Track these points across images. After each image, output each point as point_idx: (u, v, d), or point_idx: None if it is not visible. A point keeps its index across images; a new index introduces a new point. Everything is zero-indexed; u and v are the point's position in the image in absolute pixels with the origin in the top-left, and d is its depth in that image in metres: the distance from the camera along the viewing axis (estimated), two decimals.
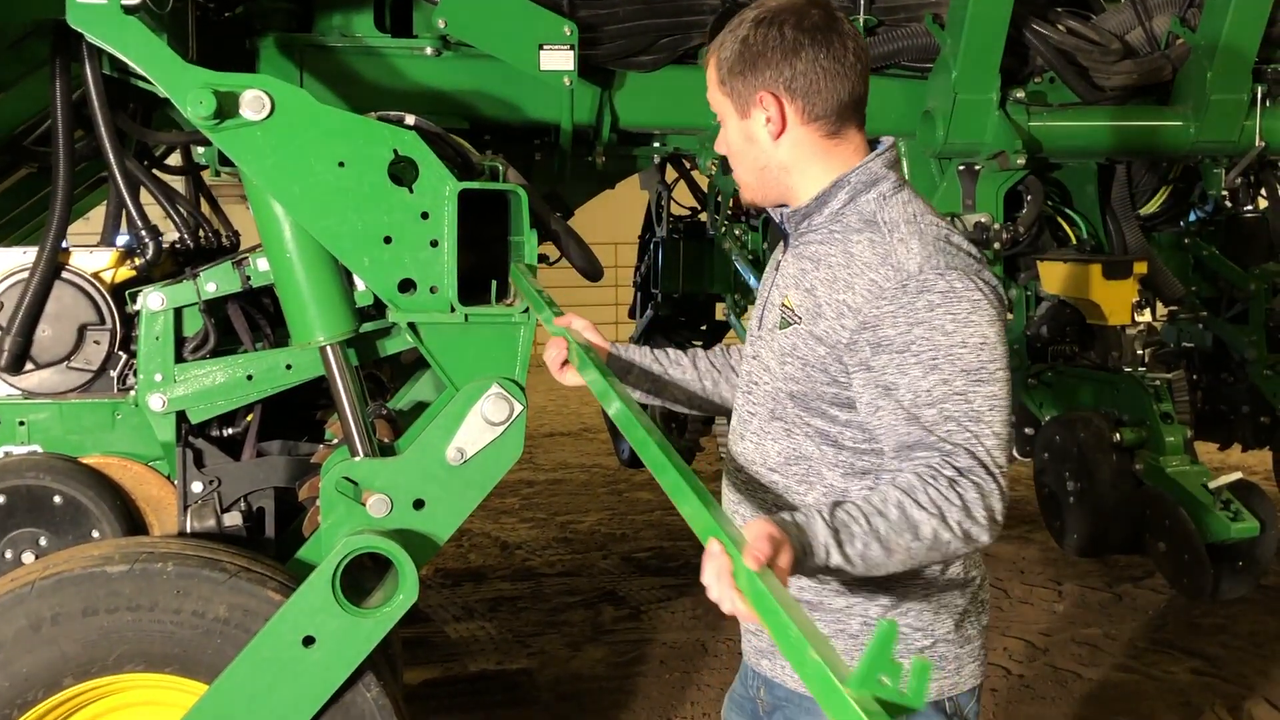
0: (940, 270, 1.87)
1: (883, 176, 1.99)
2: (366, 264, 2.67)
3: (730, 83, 2.02)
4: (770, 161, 2.02)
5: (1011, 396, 1.89)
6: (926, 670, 1.27)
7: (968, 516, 1.76)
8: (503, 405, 2.77)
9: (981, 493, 1.78)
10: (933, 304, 1.85)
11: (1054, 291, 4.45)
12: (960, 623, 2.02)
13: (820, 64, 1.94)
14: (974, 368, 1.83)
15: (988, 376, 1.84)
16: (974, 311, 1.85)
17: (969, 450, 1.80)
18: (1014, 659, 5.17)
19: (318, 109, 2.62)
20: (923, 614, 1.99)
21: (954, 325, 1.84)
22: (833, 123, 1.98)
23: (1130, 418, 4.28)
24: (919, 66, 4.19)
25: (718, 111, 2.08)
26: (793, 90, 1.95)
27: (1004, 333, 1.90)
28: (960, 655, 2.02)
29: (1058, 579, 6.27)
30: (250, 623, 2.60)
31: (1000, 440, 1.84)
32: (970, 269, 1.90)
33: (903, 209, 1.95)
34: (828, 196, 1.99)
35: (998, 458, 1.82)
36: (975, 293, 1.87)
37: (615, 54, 3.90)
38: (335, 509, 2.72)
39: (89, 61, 2.95)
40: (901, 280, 1.87)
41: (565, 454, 10.03)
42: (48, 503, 2.89)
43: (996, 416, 1.84)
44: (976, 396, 1.83)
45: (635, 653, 5.27)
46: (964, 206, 4.26)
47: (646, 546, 7.02)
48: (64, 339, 3.00)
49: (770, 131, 1.99)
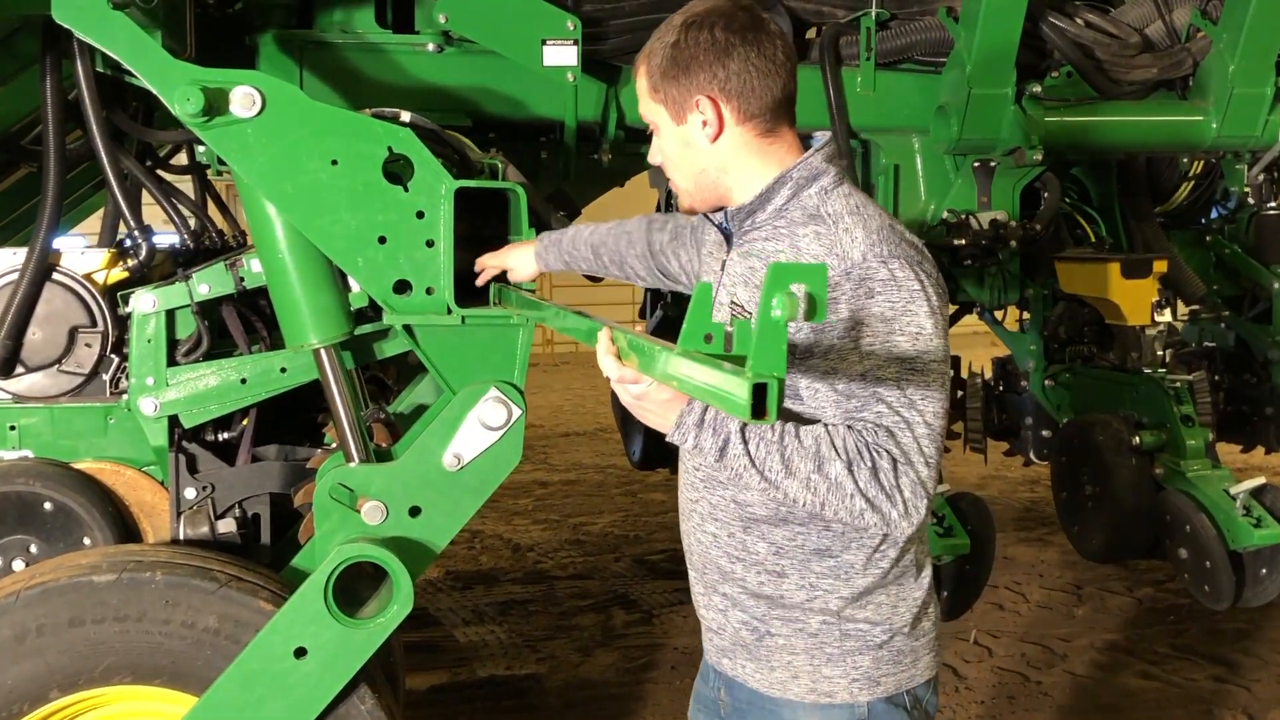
0: (883, 258, 1.90)
1: (823, 171, 2.02)
2: (361, 265, 2.60)
3: (664, 89, 2.04)
4: (708, 164, 2.05)
5: (946, 390, 1.92)
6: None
7: (874, 481, 1.83)
8: (500, 410, 2.70)
9: (896, 470, 1.84)
10: (873, 291, 1.88)
11: (1072, 291, 4.36)
12: (918, 618, 2.07)
13: (752, 63, 1.99)
14: (909, 356, 1.87)
15: (921, 366, 1.88)
16: (912, 301, 1.88)
17: (893, 434, 1.86)
18: (1032, 665, 5.08)
19: (310, 106, 2.56)
20: (881, 608, 2.03)
21: (892, 313, 1.88)
22: (767, 121, 2.03)
23: (1150, 420, 4.17)
24: (932, 61, 4.09)
25: (650, 121, 2.11)
26: (727, 91, 2.00)
27: (943, 325, 1.92)
28: (916, 649, 2.07)
29: (1077, 583, 6.18)
30: (241, 633, 2.54)
31: (930, 431, 1.88)
32: (912, 259, 1.92)
33: (845, 201, 1.99)
34: (770, 193, 2.02)
35: (925, 447, 1.87)
36: (915, 283, 1.89)
37: (620, 49, 3.82)
38: (329, 516, 2.66)
39: (80, 58, 2.89)
40: (846, 269, 1.90)
41: (580, 454, 9.97)
42: (38, 509, 2.83)
43: (928, 407, 1.88)
44: (909, 385, 1.87)
45: (646, 658, 5.21)
46: (979, 204, 4.17)
47: (659, 549, 6.96)
48: (55, 341, 2.94)
49: (708, 134, 2.02)
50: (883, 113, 4.05)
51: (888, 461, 1.84)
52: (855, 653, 2.02)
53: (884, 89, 4.03)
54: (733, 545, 2.07)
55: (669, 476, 7.36)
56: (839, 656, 2.02)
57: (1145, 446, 4.14)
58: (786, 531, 2.02)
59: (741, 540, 2.06)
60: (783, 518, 2.01)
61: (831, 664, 2.02)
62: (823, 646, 2.03)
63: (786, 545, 2.02)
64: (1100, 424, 4.24)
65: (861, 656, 2.02)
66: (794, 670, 2.04)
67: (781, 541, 2.02)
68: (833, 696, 2.03)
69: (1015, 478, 8.53)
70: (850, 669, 2.02)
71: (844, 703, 2.03)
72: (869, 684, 2.03)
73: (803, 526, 2.01)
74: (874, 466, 1.83)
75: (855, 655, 2.02)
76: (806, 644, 2.03)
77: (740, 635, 2.09)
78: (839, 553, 2.00)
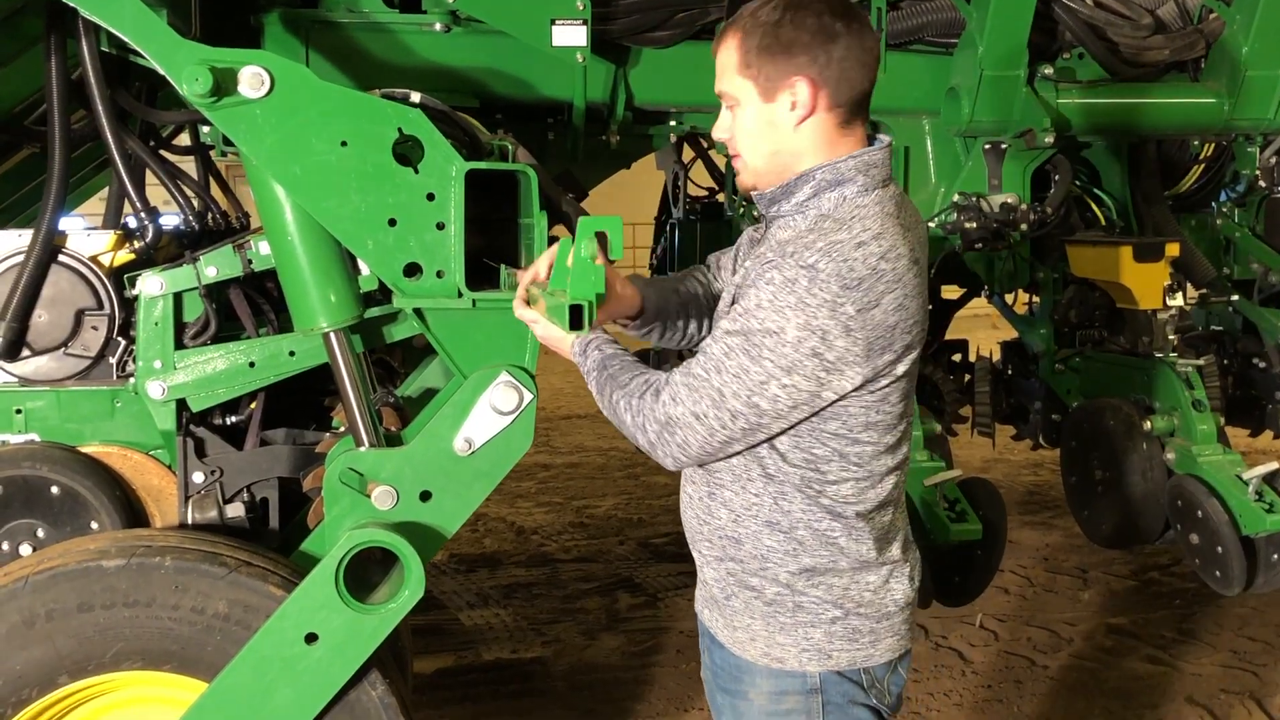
0: (802, 262, 1.94)
1: (849, 178, 2.04)
2: (370, 247, 2.58)
3: (759, 65, 2.05)
4: (784, 147, 2.07)
5: (769, 395, 1.97)
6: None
7: (640, 410, 2.08)
8: (512, 394, 2.68)
9: (657, 402, 2.05)
10: (773, 279, 1.95)
11: (1083, 275, 4.33)
12: (878, 601, 2.13)
13: (853, 52, 2.02)
14: (755, 340, 1.95)
15: (755, 355, 1.95)
16: (794, 308, 1.92)
17: (687, 385, 2.02)
18: (1039, 649, 5.07)
19: (319, 86, 2.53)
20: (833, 589, 2.11)
21: (769, 303, 1.95)
22: (848, 111, 2.06)
23: (1161, 405, 4.15)
24: (943, 42, 4.07)
25: (731, 95, 2.11)
26: (825, 77, 2.01)
27: (815, 345, 1.93)
28: (876, 629, 2.13)
29: (1082, 567, 6.16)
30: (251, 619, 2.52)
31: (718, 401, 1.99)
32: (841, 278, 1.92)
33: (850, 209, 2.01)
34: (794, 188, 2.07)
35: (702, 405, 2.00)
36: (813, 298, 1.92)
37: (630, 29, 3.78)
38: (339, 501, 2.65)
39: (85, 37, 2.85)
40: (775, 255, 1.99)
41: (582, 436, 9.94)
42: (45, 493, 2.81)
43: (730, 384, 1.98)
44: (734, 358, 1.97)
45: (652, 641, 5.20)
46: (990, 186, 4.14)
47: (663, 532, 6.93)
48: (61, 324, 2.91)
49: (795, 117, 2.04)
50: (893, 94, 4.02)
51: (653, 394, 2.06)
52: (807, 625, 2.11)
53: (894, 70, 4.00)
54: (701, 508, 2.21)
55: None
56: (791, 626, 2.12)
57: (1156, 431, 4.11)
58: (743, 501, 2.12)
59: (707, 505, 2.19)
60: (742, 487, 2.12)
61: (784, 633, 2.12)
62: (777, 615, 2.12)
63: (743, 514, 2.13)
64: (1111, 408, 4.22)
65: (813, 629, 2.11)
66: (751, 633, 2.15)
67: (739, 510, 2.13)
68: (783, 663, 2.13)
69: (1019, 461, 8.51)
70: (801, 639, 2.11)
71: (794, 670, 2.13)
72: (820, 655, 2.12)
73: (757, 498, 2.11)
74: (642, 395, 2.08)
75: (807, 627, 2.11)
76: (763, 610, 2.13)
77: (713, 592, 2.22)
78: (789, 529, 2.10)
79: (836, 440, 2.06)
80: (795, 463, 2.08)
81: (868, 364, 1.98)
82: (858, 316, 1.94)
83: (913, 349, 2.05)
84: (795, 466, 2.08)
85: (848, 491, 2.10)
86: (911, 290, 2.01)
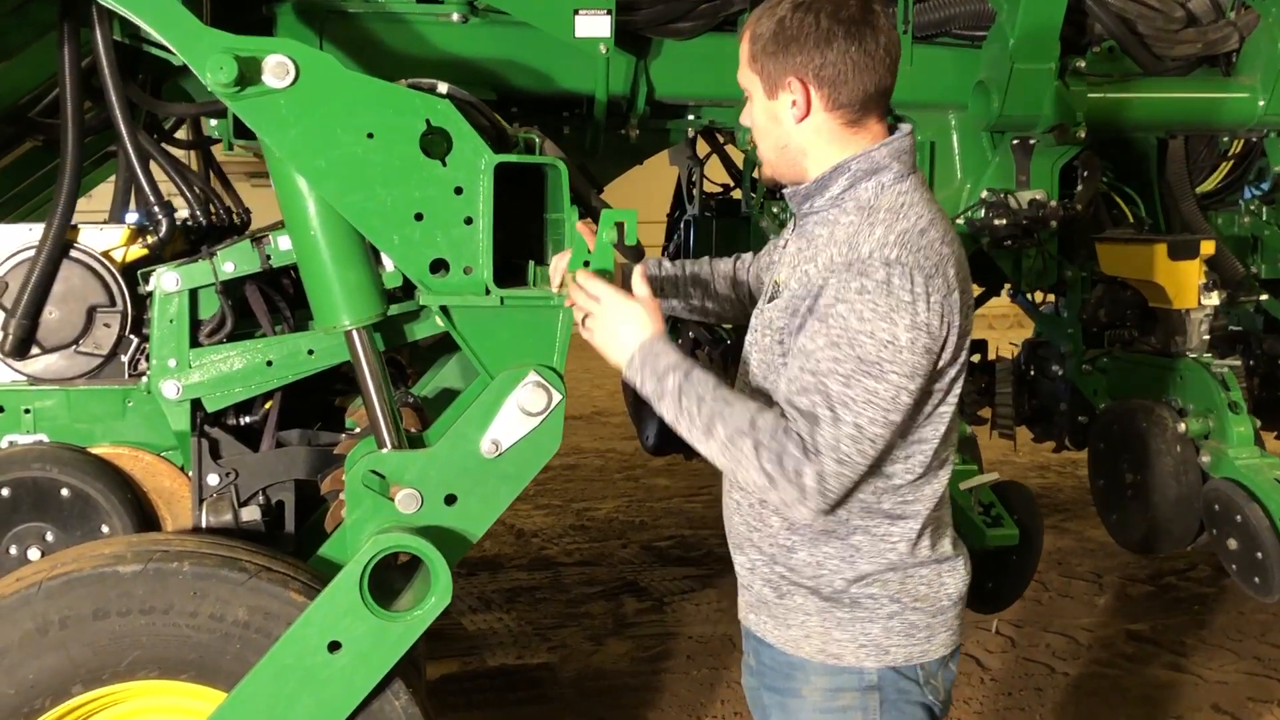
0: (886, 261, 1.92)
1: (884, 166, 2.05)
2: (396, 242, 2.48)
3: (762, 61, 2.09)
4: (791, 142, 2.11)
5: (900, 406, 1.93)
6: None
7: (778, 466, 1.91)
8: (540, 394, 2.58)
9: (805, 458, 1.90)
10: (864, 288, 1.91)
11: (1113, 273, 4.25)
12: (933, 595, 2.11)
13: (850, 56, 2.01)
14: (870, 360, 1.89)
15: (878, 374, 1.90)
16: (895, 310, 1.90)
17: (818, 424, 1.91)
18: (1057, 655, 5.00)
19: (345, 76, 2.43)
20: (889, 584, 2.08)
21: (871, 314, 1.90)
22: (854, 112, 2.05)
23: (1195, 407, 4.07)
24: (970, 35, 3.98)
25: (745, 87, 2.16)
26: (820, 78, 2.03)
27: (926, 342, 1.92)
28: (932, 624, 2.11)
29: (1097, 570, 6.10)
30: (272, 626, 2.43)
31: (858, 435, 1.91)
32: (922, 269, 1.92)
33: (895, 197, 2.02)
34: (828, 180, 2.07)
35: (843, 445, 1.90)
36: (907, 293, 1.90)
37: (653, 20, 3.69)
38: (361, 504, 2.55)
39: (99, 26, 2.77)
40: (849, 259, 1.95)
41: (578, 438, 9.84)
42: (54, 496, 2.72)
43: (865, 412, 1.90)
44: (857, 386, 1.90)
45: (660, 647, 5.11)
46: (1018, 183, 4.06)
47: (666, 535, 6.86)
48: (72, 321, 2.82)
49: (794, 115, 2.07)
50: (919, 88, 3.95)
51: (797, 449, 1.91)
52: (865, 620, 2.09)
53: (921, 63, 3.94)
54: (751, 515, 2.17)
55: (672, 461, 7.24)
56: (849, 622, 2.09)
57: (1190, 434, 4.03)
58: None
59: (759, 512, 2.15)
60: None
61: (841, 628, 2.10)
62: (833, 610, 2.10)
63: (797, 522, 2.09)
64: (1142, 410, 4.13)
65: (871, 625, 2.09)
66: (807, 630, 2.12)
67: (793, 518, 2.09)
68: (840, 659, 2.10)
69: (1024, 463, 8.44)
70: (859, 634, 2.09)
71: (851, 666, 2.10)
72: (877, 651, 2.09)
73: None
74: (781, 451, 1.91)
75: (864, 623, 2.09)
76: (819, 606, 2.11)
77: (763, 593, 2.18)
78: (845, 535, 2.07)
79: (903, 436, 2.03)
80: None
81: (961, 352, 2.02)
82: (945, 303, 1.95)
83: (968, 334, 2.07)
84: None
85: (907, 492, 2.07)
86: (966, 272, 2.06)
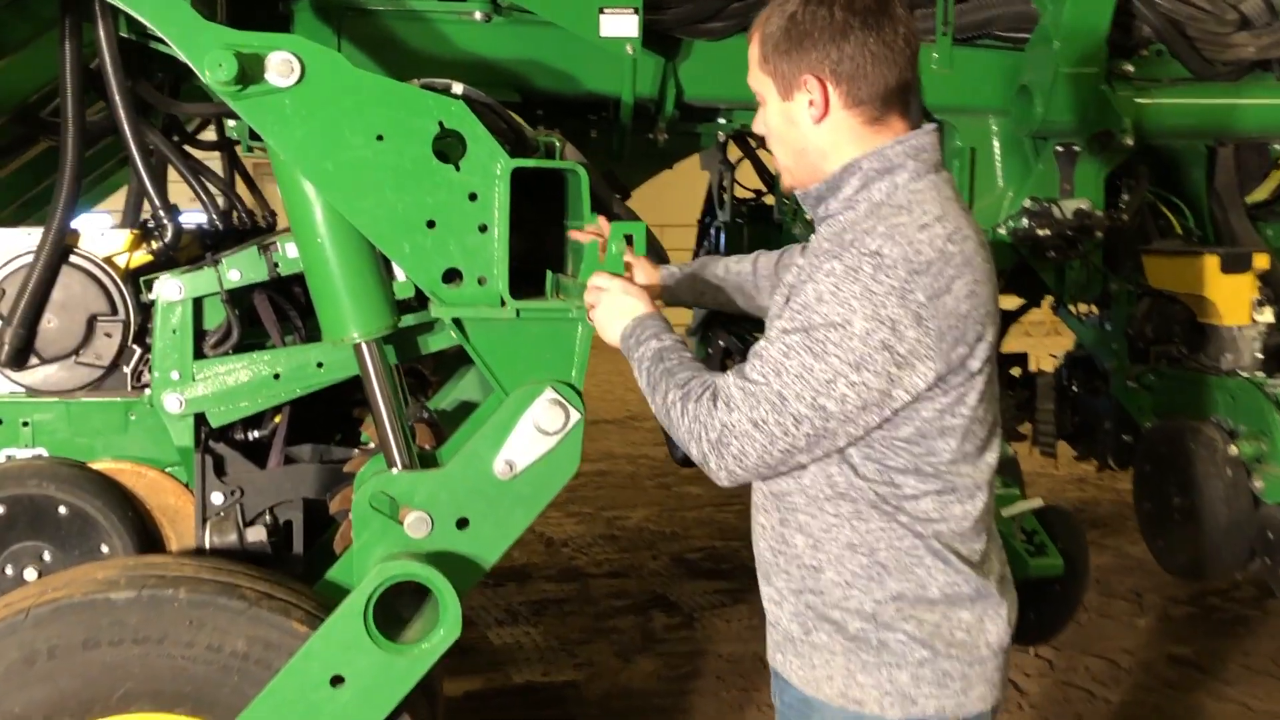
0: (864, 249, 1.82)
1: (899, 165, 1.93)
2: (407, 251, 2.37)
3: (774, 61, 1.98)
4: (810, 145, 1.99)
5: (836, 395, 1.82)
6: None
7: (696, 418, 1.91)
8: (558, 412, 2.45)
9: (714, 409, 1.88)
10: (833, 270, 1.83)
11: (1161, 286, 4.08)
12: (972, 642, 1.95)
13: (869, 48, 1.91)
14: (818, 335, 1.81)
15: (819, 351, 1.81)
16: (860, 297, 1.80)
17: (740, 379, 1.87)
18: (1097, 680, 4.82)
19: (354, 74, 2.33)
20: (924, 624, 1.93)
21: (831, 294, 1.82)
22: (876, 109, 1.95)
23: (1247, 428, 3.89)
24: (1013, 37, 3.84)
25: (758, 91, 2.05)
26: (838, 74, 1.93)
27: (885, 338, 1.80)
28: (968, 675, 1.95)
29: (1137, 590, 5.90)
30: (272, 658, 2.31)
31: (779, 405, 1.83)
32: (909, 263, 1.81)
33: (907, 195, 1.90)
34: (840, 181, 1.96)
35: (760, 411, 1.84)
36: (878, 285, 1.80)
37: (682, 19, 3.57)
38: (368, 527, 2.43)
39: (102, 21, 2.66)
40: (832, 244, 1.87)
41: (611, 443, 9.74)
42: (52, 514, 2.61)
43: (792, 386, 1.83)
44: (794, 357, 1.83)
45: (690, 666, 4.97)
46: (1061, 191, 3.90)
47: (698, 546, 6.73)
48: (72, 331, 2.71)
49: (812, 115, 1.96)
50: (959, 92, 3.82)
51: (718, 399, 1.89)
52: (892, 665, 1.94)
53: (961, 66, 3.80)
54: (774, 538, 2.05)
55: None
56: (874, 666, 1.95)
57: (1243, 456, 3.85)
58: (820, 524, 1.97)
59: (780, 534, 2.03)
60: (818, 509, 1.96)
61: (866, 672, 1.95)
62: (859, 652, 1.96)
63: (822, 538, 1.97)
64: (1191, 430, 3.96)
65: (899, 671, 1.94)
66: (830, 671, 1.98)
67: (817, 534, 1.97)
68: (862, 706, 1.95)
69: (1062, 476, 8.23)
70: (884, 681, 1.94)
71: (873, 715, 1.95)
72: (903, 700, 1.94)
73: (836, 518, 1.95)
74: (700, 399, 1.92)
75: (892, 668, 1.94)
76: (844, 646, 1.96)
77: (790, 629, 2.04)
78: (870, 550, 1.94)
79: (910, 449, 1.90)
80: (868, 476, 1.92)
81: (941, 358, 1.84)
82: (929, 304, 1.81)
83: (984, 342, 1.90)
84: (868, 480, 1.92)
85: (927, 507, 1.93)
86: (982, 275, 1.89)
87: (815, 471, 1.95)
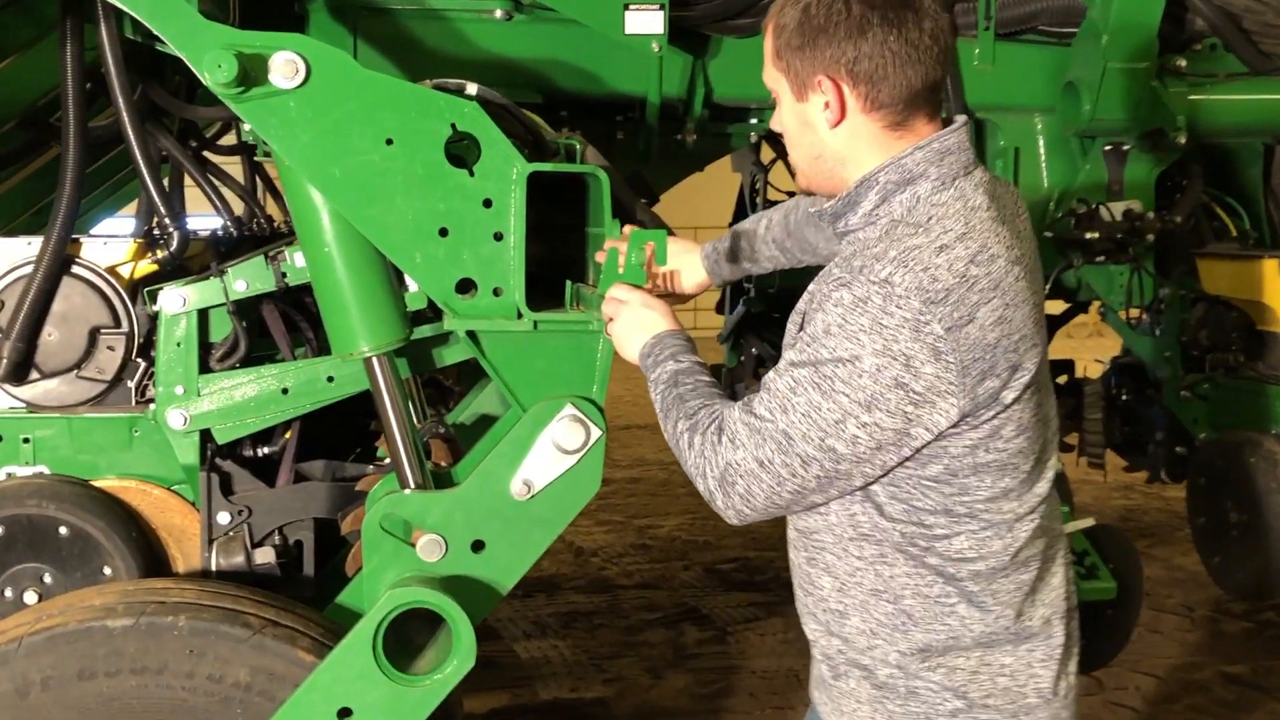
0: (874, 279, 1.68)
1: (920, 174, 1.78)
2: (418, 260, 2.26)
3: (787, 58, 1.83)
4: (826, 151, 1.85)
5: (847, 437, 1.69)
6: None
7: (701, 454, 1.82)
8: (578, 430, 2.34)
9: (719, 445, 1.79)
10: (841, 300, 1.71)
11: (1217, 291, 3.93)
12: (1015, 684, 1.80)
13: (889, 46, 1.75)
14: (825, 371, 1.69)
15: (827, 389, 1.69)
16: (866, 332, 1.67)
17: (746, 415, 1.77)
18: (1149, 700, 4.65)
19: (361, 75, 2.22)
20: (956, 672, 1.79)
21: (838, 329, 1.69)
22: (898, 112, 1.79)
23: None
24: (1059, 31, 3.70)
25: (772, 88, 1.90)
26: (855, 74, 1.77)
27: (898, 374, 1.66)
28: None
29: (1188, 604, 5.71)
30: (276, 689, 2.22)
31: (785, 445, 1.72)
32: (924, 292, 1.65)
33: (926, 210, 1.75)
34: (857, 196, 1.81)
35: (766, 451, 1.73)
36: (888, 317, 1.66)
37: (710, 15, 3.45)
38: (380, 549, 2.33)
39: (104, 22, 2.59)
40: (842, 271, 1.74)
41: (643, 449, 9.63)
42: (52, 534, 2.54)
43: (799, 425, 1.71)
44: (801, 394, 1.71)
45: (723, 682, 4.84)
46: (1110, 192, 3.76)
47: (731, 556, 6.59)
48: (73, 344, 2.63)
49: (828, 119, 1.81)
50: (1002, 89, 3.69)
51: (724, 434, 1.80)
52: (920, 717, 1.81)
53: (1004, 62, 3.67)
54: (803, 577, 1.95)
55: None
56: (901, 717, 1.82)
57: None
58: (846, 566, 1.84)
59: (808, 573, 1.93)
60: (844, 549, 1.84)
61: None
62: (885, 701, 1.84)
63: (847, 582, 1.85)
64: (1250, 443, 3.80)
65: None
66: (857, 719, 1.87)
67: (843, 577, 1.85)
68: None
69: (1108, 483, 8.03)
70: None
71: None
72: None
73: (860, 561, 1.83)
74: (705, 430, 1.83)
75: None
76: (871, 695, 1.85)
77: (821, 670, 1.95)
78: (895, 598, 1.81)
79: (940, 488, 1.74)
80: (894, 516, 1.78)
81: (965, 394, 1.67)
82: (948, 336, 1.65)
83: (1023, 371, 1.72)
84: (894, 521, 1.78)
85: (962, 546, 1.76)
86: (1014, 298, 1.71)
87: (839, 509, 1.83)
